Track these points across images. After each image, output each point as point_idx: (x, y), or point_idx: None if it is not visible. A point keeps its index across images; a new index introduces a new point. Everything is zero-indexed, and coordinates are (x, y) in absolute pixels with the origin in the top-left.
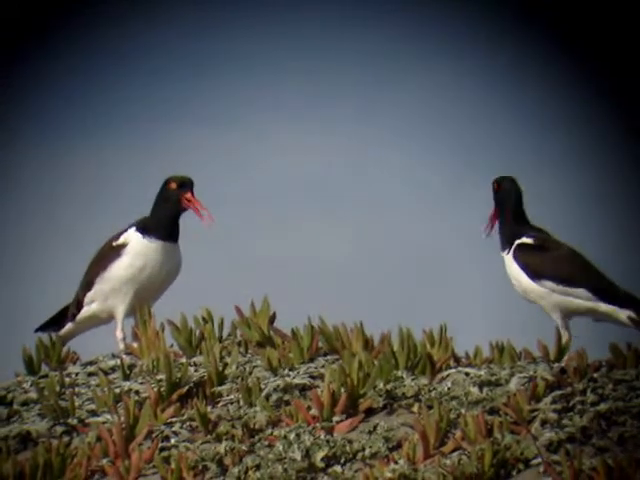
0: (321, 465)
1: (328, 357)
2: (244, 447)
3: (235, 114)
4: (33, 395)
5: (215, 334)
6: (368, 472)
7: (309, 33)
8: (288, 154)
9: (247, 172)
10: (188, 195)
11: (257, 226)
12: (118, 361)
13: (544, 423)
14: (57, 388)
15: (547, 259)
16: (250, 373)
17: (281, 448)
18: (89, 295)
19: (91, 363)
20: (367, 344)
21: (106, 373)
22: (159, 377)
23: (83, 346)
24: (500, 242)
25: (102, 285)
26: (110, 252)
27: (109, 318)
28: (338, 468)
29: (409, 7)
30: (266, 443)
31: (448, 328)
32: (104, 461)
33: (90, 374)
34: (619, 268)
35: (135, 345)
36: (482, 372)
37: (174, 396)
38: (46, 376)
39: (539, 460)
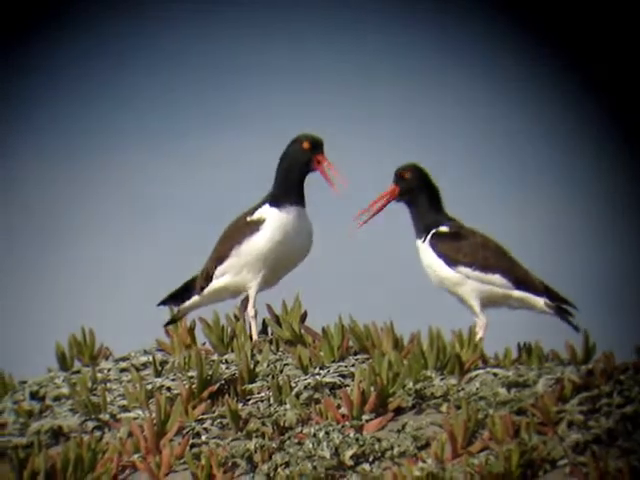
0: (350, 463)
1: (358, 356)
2: (274, 444)
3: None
4: (65, 390)
5: (247, 332)
6: (396, 470)
7: (306, 34)
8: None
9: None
10: (321, 157)
11: None
12: (150, 357)
13: (571, 424)
14: (89, 384)
15: (462, 246)
16: (281, 371)
17: (310, 446)
18: (220, 268)
19: (123, 359)
20: (397, 344)
21: (138, 369)
22: (191, 374)
23: (115, 342)
24: (415, 230)
25: (237, 258)
26: (246, 227)
27: (237, 292)
28: (367, 466)
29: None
30: (296, 441)
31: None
32: (135, 456)
33: (122, 370)
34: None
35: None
36: (510, 373)
37: (205, 393)
38: (78, 372)
39: (565, 461)
